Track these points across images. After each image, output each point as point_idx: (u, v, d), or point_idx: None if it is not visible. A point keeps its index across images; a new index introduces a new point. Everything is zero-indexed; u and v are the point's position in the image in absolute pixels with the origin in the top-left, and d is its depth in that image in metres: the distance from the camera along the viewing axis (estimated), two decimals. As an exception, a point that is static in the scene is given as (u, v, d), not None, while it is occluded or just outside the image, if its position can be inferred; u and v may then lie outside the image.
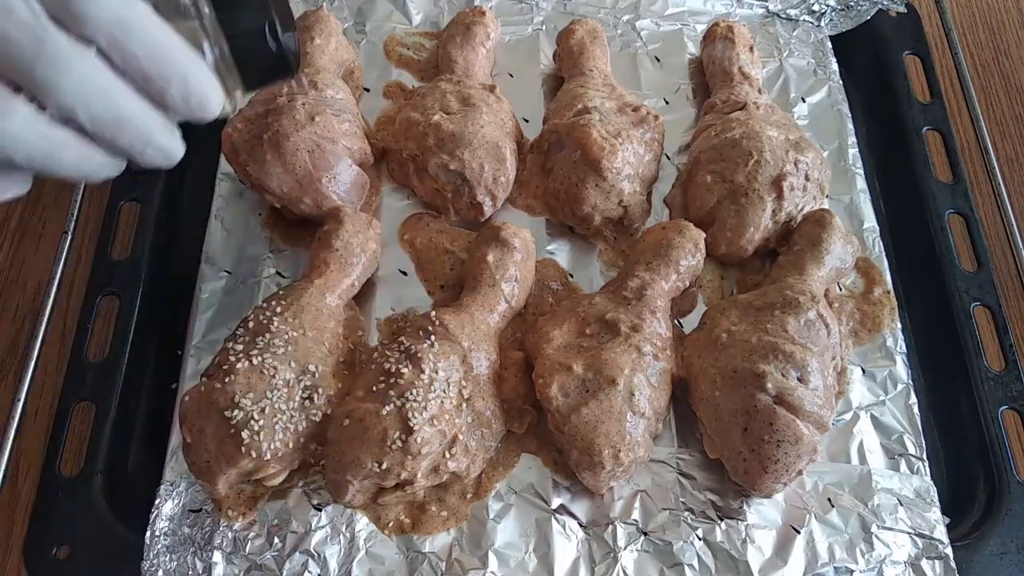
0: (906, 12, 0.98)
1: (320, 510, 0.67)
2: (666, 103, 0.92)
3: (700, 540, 0.67)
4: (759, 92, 0.88)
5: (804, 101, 0.92)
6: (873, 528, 0.68)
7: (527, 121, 0.88)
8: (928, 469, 0.71)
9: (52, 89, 0.43)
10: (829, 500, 0.69)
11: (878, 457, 0.72)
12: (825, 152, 0.87)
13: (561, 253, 0.81)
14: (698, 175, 0.80)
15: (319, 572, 0.64)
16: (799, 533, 0.67)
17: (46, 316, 0.74)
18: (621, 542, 0.66)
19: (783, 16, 0.99)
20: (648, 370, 0.67)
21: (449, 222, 0.82)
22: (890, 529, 0.68)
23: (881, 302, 0.79)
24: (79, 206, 0.80)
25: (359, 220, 0.74)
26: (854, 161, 0.88)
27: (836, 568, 0.66)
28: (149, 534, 0.65)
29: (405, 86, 0.90)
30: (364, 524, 0.66)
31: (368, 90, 0.90)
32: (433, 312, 0.69)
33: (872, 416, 0.73)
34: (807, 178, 0.78)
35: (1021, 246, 0.83)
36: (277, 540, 0.65)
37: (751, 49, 0.90)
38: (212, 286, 0.77)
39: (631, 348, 0.67)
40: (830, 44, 0.97)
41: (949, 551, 0.67)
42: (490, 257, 0.72)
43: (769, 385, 0.64)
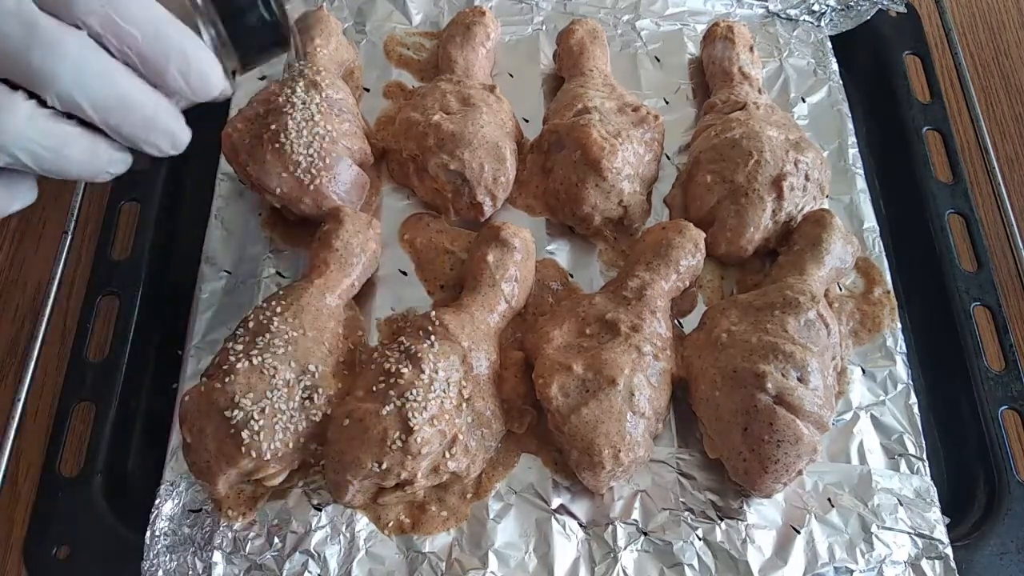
0: (906, 12, 0.98)
1: (320, 510, 0.67)
2: (666, 103, 0.92)
3: (700, 540, 0.67)
4: (759, 92, 0.88)
5: (804, 101, 0.92)
6: (873, 528, 0.68)
7: (527, 121, 0.88)
8: (928, 469, 0.71)
9: (50, 77, 0.41)
10: (829, 500, 0.69)
11: (878, 457, 0.72)
12: (825, 152, 0.87)
13: (561, 253, 0.81)
14: (698, 175, 0.80)
15: (319, 572, 0.64)
16: (799, 533, 0.67)
17: (46, 316, 0.74)
18: (621, 542, 0.66)
19: (783, 16, 0.99)
20: (648, 370, 0.67)
21: (449, 222, 0.82)
22: (890, 529, 0.68)
23: (881, 302, 0.79)
24: (79, 206, 0.80)
25: (359, 220, 0.74)
26: (854, 161, 0.88)
27: (836, 568, 0.66)
28: (149, 534, 0.65)
29: (405, 86, 0.90)
30: (364, 524, 0.66)
31: (368, 90, 0.90)
32: (433, 312, 0.69)
33: (872, 416, 0.73)
34: (807, 178, 0.78)
35: (1021, 246, 0.83)
36: (277, 540, 0.65)
37: (751, 49, 0.90)
38: (212, 286, 0.77)
39: (631, 348, 0.67)
40: (830, 44, 0.97)
41: (949, 551, 0.67)
42: (490, 257, 0.72)
43: (769, 385, 0.64)
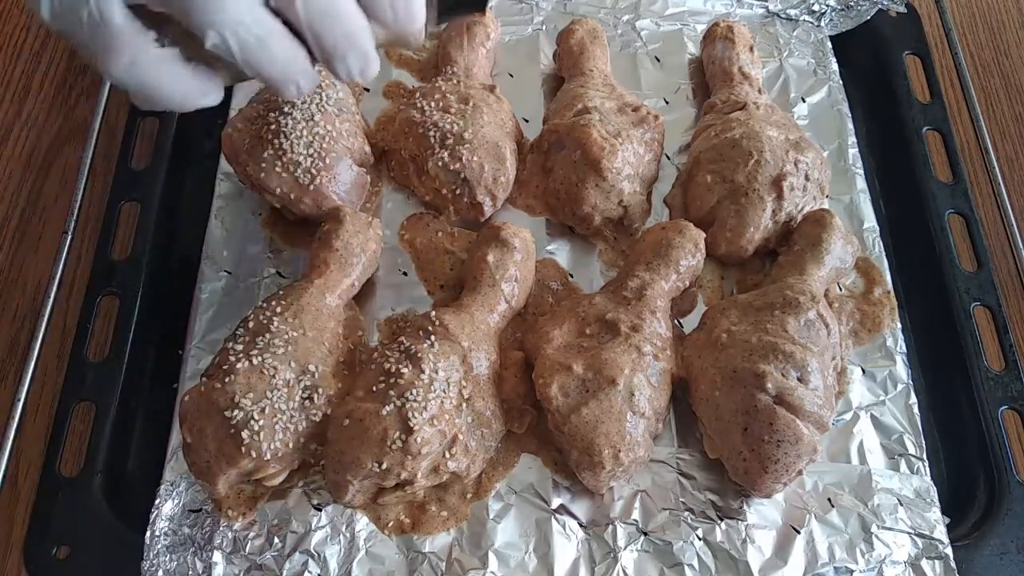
0: (906, 12, 0.98)
1: (320, 510, 0.67)
2: (666, 103, 0.92)
3: (700, 540, 0.67)
4: (759, 92, 0.88)
5: (804, 101, 0.92)
6: (873, 528, 0.68)
7: (527, 121, 0.88)
8: (928, 469, 0.71)
9: None
10: (829, 500, 0.69)
11: (878, 457, 0.72)
12: (825, 152, 0.87)
13: (561, 253, 0.81)
14: (698, 175, 0.80)
15: (319, 572, 0.64)
16: (799, 533, 0.67)
17: (46, 316, 0.74)
18: (621, 542, 0.66)
19: (783, 16, 0.99)
20: (648, 370, 0.67)
21: (449, 222, 0.82)
22: (890, 529, 0.68)
23: (881, 302, 0.79)
24: (79, 206, 0.80)
25: (359, 220, 0.74)
26: (854, 161, 0.88)
27: (836, 568, 0.66)
28: (149, 534, 0.65)
29: (405, 86, 0.90)
30: (364, 524, 0.66)
31: (368, 90, 0.90)
32: (433, 312, 0.69)
33: (872, 416, 0.73)
34: (807, 178, 0.78)
35: (1021, 246, 0.83)
36: (277, 540, 0.65)
37: (751, 49, 0.90)
38: (212, 286, 0.77)
39: (631, 348, 0.67)
40: (830, 44, 0.97)
41: (949, 551, 0.67)
42: (490, 257, 0.72)
43: (769, 385, 0.64)
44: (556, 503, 0.68)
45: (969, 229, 0.84)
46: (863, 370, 0.76)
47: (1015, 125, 0.99)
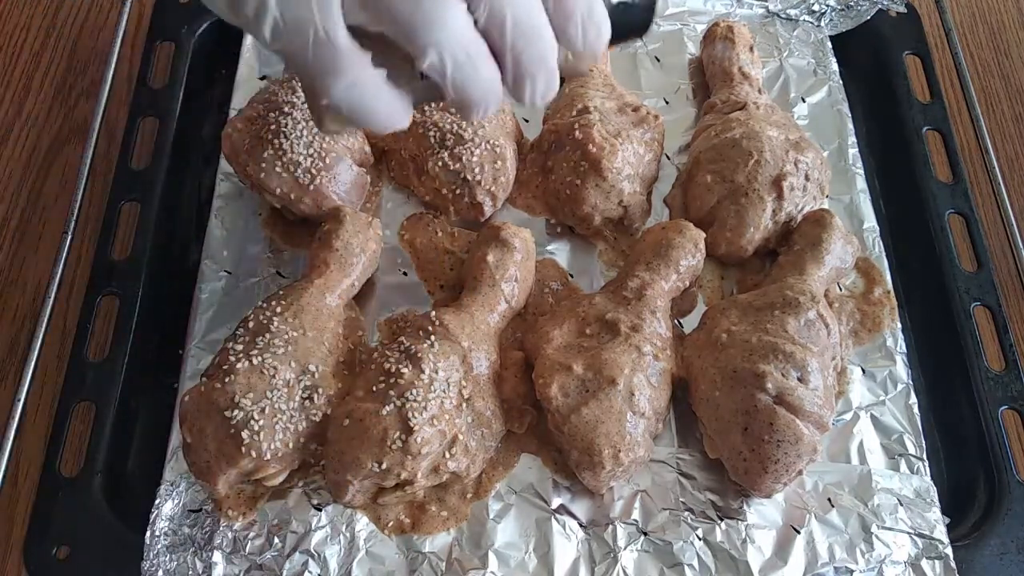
0: (906, 12, 0.98)
1: (320, 510, 0.67)
2: (666, 103, 0.92)
3: (700, 540, 0.67)
4: (759, 92, 0.88)
5: (804, 101, 0.92)
6: (873, 528, 0.68)
7: (527, 121, 0.88)
8: (928, 469, 0.71)
9: None
10: (829, 500, 0.69)
11: (878, 457, 0.72)
12: (825, 152, 0.87)
13: (561, 253, 0.81)
14: (698, 175, 0.80)
15: (319, 572, 0.64)
16: (799, 533, 0.67)
17: (46, 316, 0.74)
18: (621, 542, 0.66)
19: (783, 16, 0.99)
20: (648, 370, 0.67)
21: (449, 222, 0.82)
22: (890, 529, 0.68)
23: (881, 302, 0.79)
24: (79, 206, 0.80)
25: (359, 220, 0.74)
26: (854, 161, 0.88)
27: (836, 568, 0.66)
28: (149, 534, 0.65)
29: (405, 86, 0.90)
30: (364, 524, 0.66)
31: (368, 90, 0.90)
32: (433, 312, 0.69)
33: (872, 416, 0.73)
34: (807, 178, 0.78)
35: (1021, 246, 0.83)
36: (277, 540, 0.65)
37: (751, 49, 0.90)
38: (212, 286, 0.77)
39: (631, 348, 0.67)
40: (830, 44, 0.97)
41: (949, 551, 0.67)
42: (490, 257, 0.72)
43: (769, 385, 0.64)
44: (556, 503, 0.68)
45: (969, 229, 0.84)
46: (863, 370, 0.76)
47: (1015, 125, 0.99)
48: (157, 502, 0.66)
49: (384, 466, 0.61)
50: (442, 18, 0.42)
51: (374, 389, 0.64)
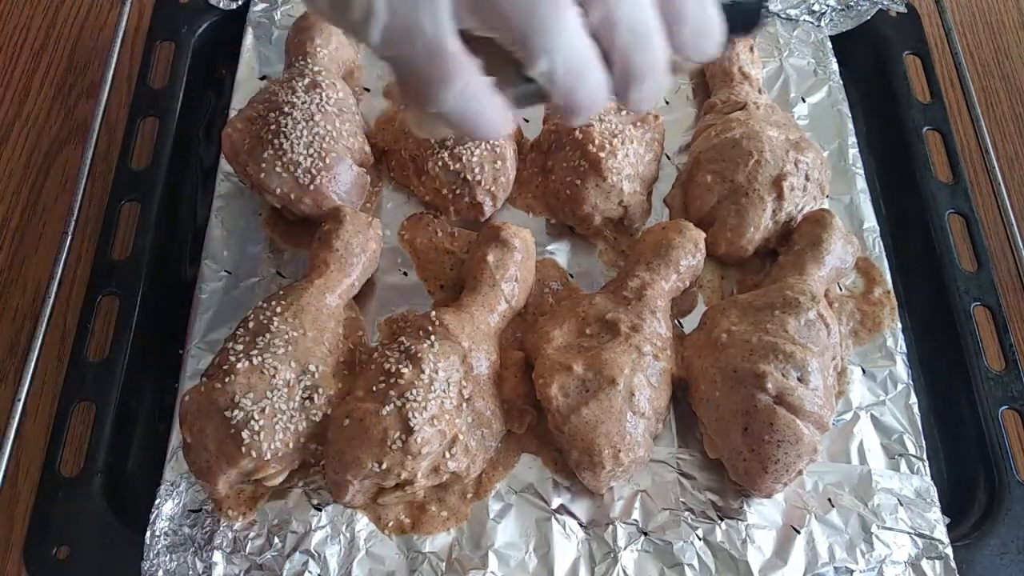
0: (906, 12, 0.98)
1: (320, 510, 0.67)
2: (666, 103, 0.91)
3: (700, 540, 0.67)
4: (759, 92, 0.88)
5: (804, 101, 0.92)
6: (873, 528, 0.68)
7: (527, 121, 0.88)
8: (928, 469, 0.71)
9: None
10: (829, 500, 0.69)
11: (878, 457, 0.72)
12: (825, 152, 0.87)
13: (561, 253, 0.81)
14: (698, 175, 0.80)
15: (319, 572, 0.64)
16: (799, 533, 0.67)
17: (46, 316, 0.74)
18: (621, 542, 0.66)
19: (783, 16, 0.99)
20: (648, 370, 0.67)
21: (449, 222, 0.82)
22: (890, 529, 0.68)
23: (881, 302, 0.79)
24: (79, 206, 0.80)
25: (359, 220, 0.74)
26: (854, 161, 0.88)
27: (836, 568, 0.66)
28: (149, 534, 0.65)
29: (405, 86, 0.90)
30: (364, 524, 0.66)
31: (368, 90, 0.90)
32: (433, 312, 0.69)
33: (872, 416, 0.73)
34: (807, 178, 0.78)
35: (1021, 246, 0.83)
36: (277, 540, 0.65)
37: (751, 49, 0.90)
38: (212, 286, 0.77)
39: (631, 348, 0.67)
40: (830, 44, 0.97)
41: (949, 551, 0.67)
42: (490, 257, 0.72)
43: (769, 385, 0.64)
44: (556, 503, 0.68)
45: (969, 229, 0.84)
46: (863, 370, 0.76)
47: (1015, 125, 0.99)
48: (157, 502, 0.66)
49: (384, 466, 0.61)
50: (557, 24, 0.41)
51: (374, 389, 0.64)
